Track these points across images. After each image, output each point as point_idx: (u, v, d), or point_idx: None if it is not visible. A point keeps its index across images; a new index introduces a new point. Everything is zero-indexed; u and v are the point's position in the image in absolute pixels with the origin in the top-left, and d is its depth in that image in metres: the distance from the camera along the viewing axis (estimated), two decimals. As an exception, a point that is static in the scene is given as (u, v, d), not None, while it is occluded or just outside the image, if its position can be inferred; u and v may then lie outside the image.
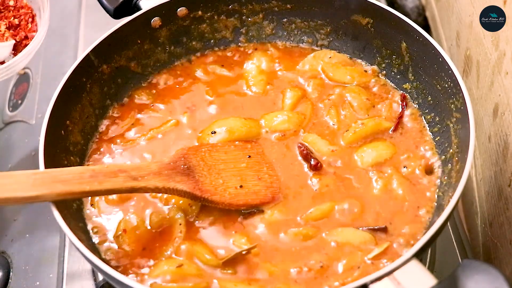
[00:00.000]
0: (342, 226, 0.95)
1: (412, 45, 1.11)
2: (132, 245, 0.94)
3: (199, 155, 1.01)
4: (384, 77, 1.17)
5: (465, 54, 1.23)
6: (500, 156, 1.05)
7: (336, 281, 0.89)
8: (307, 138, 1.07)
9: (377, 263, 0.91)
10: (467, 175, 0.88)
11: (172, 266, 0.91)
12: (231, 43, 1.25)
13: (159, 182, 0.92)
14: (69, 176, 0.88)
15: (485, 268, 0.75)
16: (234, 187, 0.98)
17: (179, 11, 1.19)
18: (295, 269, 0.91)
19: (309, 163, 1.03)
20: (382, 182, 1.00)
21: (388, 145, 1.06)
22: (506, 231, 1.03)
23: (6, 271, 1.15)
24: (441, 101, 1.06)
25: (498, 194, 1.06)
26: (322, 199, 0.99)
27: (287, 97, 1.13)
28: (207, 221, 0.97)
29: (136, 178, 0.91)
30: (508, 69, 1.00)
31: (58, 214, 0.87)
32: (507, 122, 1.01)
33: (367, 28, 1.17)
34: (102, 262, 0.84)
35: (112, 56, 1.15)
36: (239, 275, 0.90)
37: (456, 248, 1.14)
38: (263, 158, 1.04)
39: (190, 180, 0.95)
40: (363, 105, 1.11)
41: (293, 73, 1.19)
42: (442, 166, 1.03)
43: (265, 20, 1.24)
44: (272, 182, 1.01)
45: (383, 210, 0.97)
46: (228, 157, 1.02)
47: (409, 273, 0.79)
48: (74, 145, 1.06)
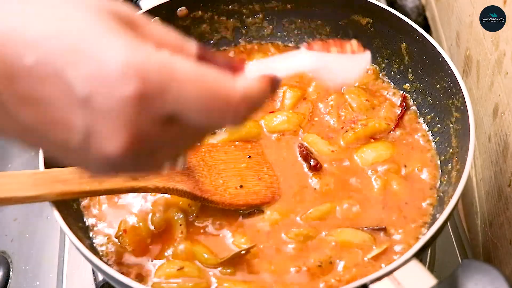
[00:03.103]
0: (341, 226, 0.95)
1: (412, 45, 1.11)
2: (132, 245, 0.94)
3: (199, 155, 1.01)
4: (384, 77, 1.17)
5: (465, 54, 1.23)
6: (500, 156, 1.05)
7: (335, 281, 0.89)
8: (307, 138, 1.07)
9: (377, 263, 0.91)
10: (467, 175, 0.88)
11: (173, 268, 0.91)
12: (231, 43, 1.25)
13: (159, 182, 0.92)
14: (69, 176, 0.88)
15: (485, 268, 0.75)
16: (234, 187, 0.98)
17: (179, 11, 1.19)
18: (294, 269, 0.91)
19: (308, 164, 1.03)
20: (382, 182, 1.00)
21: (388, 145, 1.06)
22: (506, 231, 1.03)
23: (6, 271, 1.15)
24: (441, 101, 1.06)
25: (498, 194, 1.06)
26: (322, 199, 0.99)
27: (286, 97, 1.13)
28: (207, 221, 0.97)
29: (136, 178, 0.91)
30: (508, 69, 1.00)
31: (58, 214, 0.87)
32: (507, 122, 1.01)
33: (367, 28, 1.17)
34: (102, 262, 0.84)
35: (112, 56, 1.14)
36: (238, 275, 0.90)
37: (456, 248, 1.14)
38: (263, 159, 1.04)
39: (190, 180, 0.95)
40: (362, 106, 1.11)
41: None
42: (442, 166, 1.03)
43: (265, 20, 1.24)
44: (272, 182, 1.01)
45: (382, 210, 0.97)
46: (228, 157, 1.02)
47: (409, 273, 0.79)
48: (74, 145, 1.06)
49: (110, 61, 0.51)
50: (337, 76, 0.66)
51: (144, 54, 0.52)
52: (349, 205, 0.98)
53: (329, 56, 0.65)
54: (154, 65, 0.51)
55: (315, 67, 0.64)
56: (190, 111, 0.53)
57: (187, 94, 0.53)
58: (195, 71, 0.54)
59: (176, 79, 0.52)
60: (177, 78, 0.52)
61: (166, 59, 0.53)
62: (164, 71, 0.52)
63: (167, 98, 0.52)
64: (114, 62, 0.51)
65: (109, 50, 0.51)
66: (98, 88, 0.51)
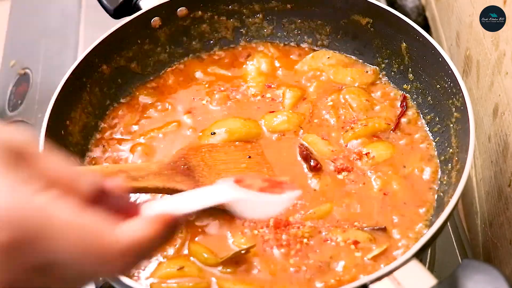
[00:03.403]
0: (341, 226, 0.95)
1: (412, 45, 1.11)
2: (132, 245, 0.94)
3: (199, 156, 1.01)
4: (384, 77, 1.17)
5: (465, 54, 1.23)
6: (500, 156, 1.05)
7: (335, 281, 0.89)
8: (307, 138, 1.07)
9: (376, 263, 0.91)
10: (467, 175, 0.88)
11: (173, 268, 0.91)
12: (231, 43, 1.25)
13: (159, 182, 0.92)
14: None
15: (485, 268, 0.75)
16: (234, 187, 0.98)
17: (179, 11, 1.19)
18: (294, 269, 0.91)
19: (308, 164, 1.03)
20: (382, 182, 1.00)
21: (388, 145, 1.06)
22: (506, 231, 1.03)
23: (6, 271, 1.14)
24: (441, 101, 1.06)
25: (498, 194, 1.06)
26: (322, 199, 0.99)
27: (286, 98, 1.13)
28: (207, 221, 0.96)
29: (136, 179, 0.91)
30: (508, 69, 1.00)
31: (58, 214, 0.87)
32: (507, 122, 1.01)
33: (367, 28, 1.17)
34: (102, 262, 0.84)
35: (112, 56, 1.15)
36: (238, 275, 0.90)
37: (456, 248, 1.14)
38: (263, 159, 1.04)
39: (190, 180, 0.95)
40: (362, 106, 1.11)
41: (293, 73, 1.19)
42: (442, 166, 1.03)
43: (265, 20, 1.24)
44: (272, 182, 1.01)
45: (382, 210, 0.97)
46: (228, 158, 1.02)
47: (409, 273, 0.79)
48: (74, 145, 1.06)
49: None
50: (253, 212, 0.66)
51: (23, 199, 0.51)
52: (349, 205, 0.98)
53: (251, 193, 0.64)
54: (30, 211, 0.51)
55: (232, 200, 0.63)
56: (64, 260, 0.52)
57: (61, 243, 0.52)
58: (74, 220, 0.53)
59: (51, 228, 0.51)
60: (52, 227, 0.51)
61: (45, 205, 0.52)
62: (39, 219, 0.51)
63: (40, 246, 0.51)
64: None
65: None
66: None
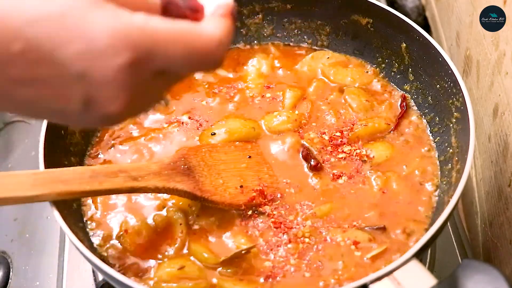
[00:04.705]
0: (341, 226, 0.95)
1: (412, 45, 1.11)
2: (133, 245, 0.94)
3: (199, 156, 1.00)
4: (384, 77, 1.17)
5: (465, 54, 1.23)
6: (500, 156, 1.05)
7: (335, 281, 0.89)
8: (307, 138, 1.07)
9: (376, 263, 0.91)
10: (467, 175, 0.88)
11: (174, 268, 0.91)
12: (231, 43, 1.25)
13: (159, 182, 0.92)
14: (69, 176, 0.88)
15: (485, 268, 0.75)
16: (234, 187, 0.98)
17: (179, 11, 1.19)
18: (294, 268, 0.91)
19: (309, 164, 1.03)
20: (382, 182, 1.00)
21: (388, 145, 1.06)
22: (506, 231, 1.03)
23: (6, 271, 1.15)
24: (441, 101, 1.06)
25: (498, 194, 1.06)
26: (322, 199, 0.99)
27: (286, 97, 1.13)
28: (207, 221, 0.96)
29: (136, 178, 0.91)
30: (508, 69, 1.00)
31: (58, 214, 0.87)
32: (507, 122, 1.01)
33: (367, 28, 1.17)
34: (102, 262, 0.84)
35: (112, 56, 1.14)
36: (238, 275, 0.90)
37: (456, 248, 1.14)
38: (263, 159, 1.04)
39: (190, 180, 0.95)
40: (362, 106, 1.11)
41: (293, 73, 1.19)
42: (442, 166, 1.03)
43: (265, 20, 1.24)
44: (272, 183, 1.01)
45: (382, 210, 0.97)
46: (228, 158, 1.02)
47: (409, 273, 0.79)
48: (74, 145, 1.06)
49: (97, 36, 0.55)
50: None
51: (126, 22, 0.56)
52: (349, 205, 0.98)
53: None
54: (137, 31, 0.56)
55: None
56: (176, 65, 0.60)
57: (171, 53, 0.59)
58: (172, 28, 0.59)
59: (158, 41, 0.58)
60: (159, 40, 0.58)
61: (144, 24, 0.57)
62: (147, 37, 0.57)
63: (154, 59, 0.58)
64: (101, 36, 0.55)
65: (94, 24, 0.55)
66: (90, 63, 0.55)
